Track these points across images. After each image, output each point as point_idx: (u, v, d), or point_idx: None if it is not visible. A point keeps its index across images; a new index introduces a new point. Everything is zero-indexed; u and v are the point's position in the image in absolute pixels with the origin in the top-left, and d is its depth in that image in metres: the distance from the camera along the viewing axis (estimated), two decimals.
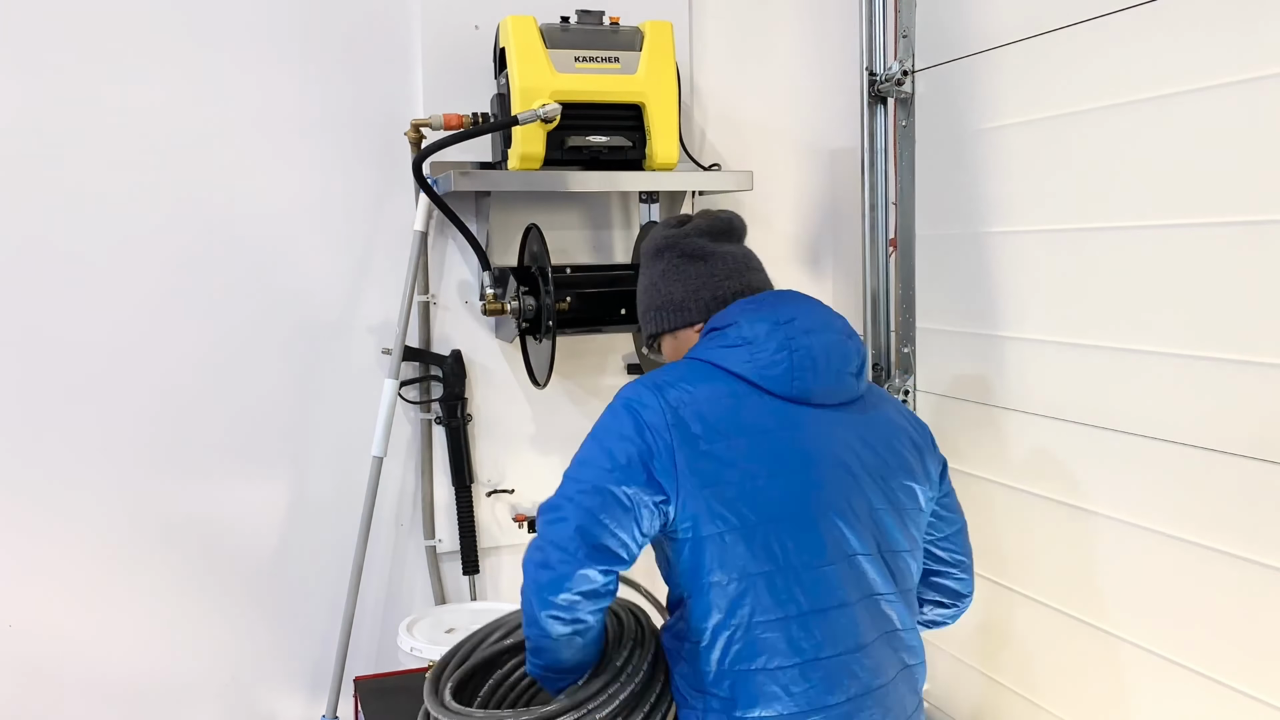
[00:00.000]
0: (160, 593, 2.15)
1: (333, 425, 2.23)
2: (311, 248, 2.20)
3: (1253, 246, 1.55)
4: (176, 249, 2.11)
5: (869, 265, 2.42)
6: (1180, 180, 1.66)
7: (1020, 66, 1.99)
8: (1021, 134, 2.00)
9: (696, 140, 2.46)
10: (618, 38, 2.09)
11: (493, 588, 2.39)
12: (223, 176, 2.12)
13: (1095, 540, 1.88)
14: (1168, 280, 1.70)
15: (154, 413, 2.12)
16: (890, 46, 2.35)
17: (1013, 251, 2.04)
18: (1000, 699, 2.16)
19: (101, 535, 2.10)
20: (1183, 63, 1.65)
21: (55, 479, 2.07)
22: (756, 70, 2.53)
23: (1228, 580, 1.62)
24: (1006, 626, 2.12)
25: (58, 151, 2.02)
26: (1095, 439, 1.86)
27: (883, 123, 2.39)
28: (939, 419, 2.29)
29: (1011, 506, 2.08)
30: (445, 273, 2.28)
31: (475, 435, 2.32)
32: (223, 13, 2.10)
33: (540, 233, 2.07)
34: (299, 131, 2.17)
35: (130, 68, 2.05)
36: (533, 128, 2.00)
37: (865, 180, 2.39)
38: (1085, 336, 1.87)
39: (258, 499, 2.20)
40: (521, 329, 2.15)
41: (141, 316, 2.09)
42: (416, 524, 2.33)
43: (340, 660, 2.14)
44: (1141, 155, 1.74)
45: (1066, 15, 1.86)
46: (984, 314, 2.13)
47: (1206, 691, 1.66)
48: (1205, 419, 1.64)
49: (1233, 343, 1.59)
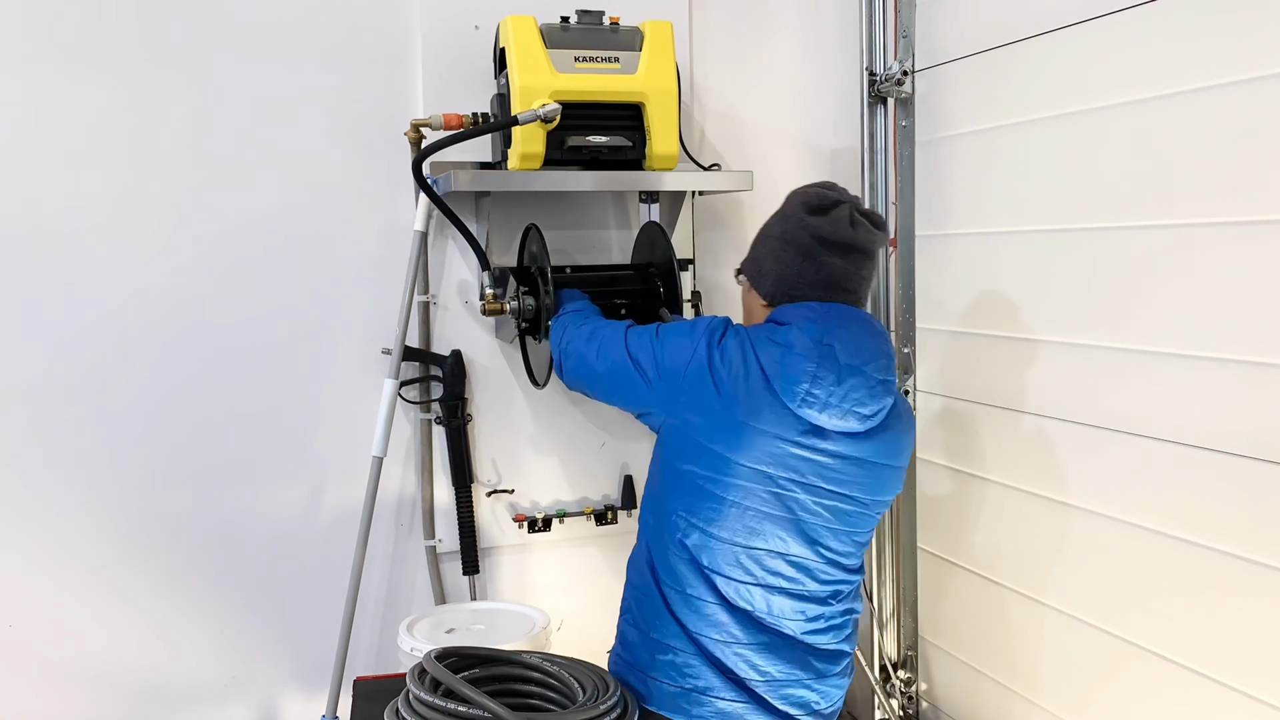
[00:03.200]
0: (160, 592, 2.15)
1: (333, 425, 2.23)
2: (311, 247, 2.19)
3: (1253, 246, 1.55)
4: (176, 249, 2.11)
5: None
6: (1181, 180, 1.67)
7: (1020, 66, 1.99)
8: (1022, 134, 2.00)
9: (696, 140, 2.46)
10: (618, 38, 2.09)
11: (493, 588, 2.39)
12: (222, 176, 2.12)
13: (1095, 540, 1.88)
14: (1168, 280, 1.70)
15: (153, 413, 2.12)
16: (890, 46, 2.35)
17: (1013, 251, 2.04)
18: (1000, 699, 2.16)
19: (101, 535, 2.10)
20: (1183, 62, 1.65)
21: (55, 479, 2.06)
22: (756, 70, 2.52)
23: (1228, 580, 1.62)
24: (1006, 626, 2.12)
25: (58, 154, 2.02)
26: (1095, 439, 1.86)
27: (883, 123, 2.39)
28: (939, 419, 2.29)
29: (1011, 506, 2.08)
30: (445, 273, 2.28)
31: (475, 435, 2.32)
32: (222, 13, 2.10)
33: (540, 233, 2.06)
34: (298, 132, 2.16)
35: (129, 68, 2.05)
36: (533, 128, 2.00)
37: (865, 180, 2.39)
38: (1085, 336, 1.87)
39: (258, 499, 2.20)
40: (521, 329, 2.15)
41: (141, 317, 2.09)
42: (416, 524, 2.33)
43: (340, 660, 2.14)
44: (1142, 155, 1.74)
45: (1067, 15, 1.86)
46: (984, 314, 2.13)
47: (1206, 691, 1.66)
48: (1205, 419, 1.64)
49: (1233, 343, 1.59)
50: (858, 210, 1.72)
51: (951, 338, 2.24)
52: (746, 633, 1.67)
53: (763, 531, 1.65)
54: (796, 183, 2.58)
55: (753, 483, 1.63)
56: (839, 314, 1.68)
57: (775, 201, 2.56)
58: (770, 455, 1.62)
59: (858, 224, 1.70)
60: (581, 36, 2.06)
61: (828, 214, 1.71)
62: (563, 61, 2.03)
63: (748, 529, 1.65)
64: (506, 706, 1.42)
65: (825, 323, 1.65)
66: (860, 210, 1.73)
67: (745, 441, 1.62)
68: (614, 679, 1.62)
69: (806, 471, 1.64)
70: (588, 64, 2.05)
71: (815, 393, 1.60)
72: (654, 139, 2.10)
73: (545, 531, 2.36)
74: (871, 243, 1.73)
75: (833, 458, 1.64)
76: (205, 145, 2.11)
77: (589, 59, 2.05)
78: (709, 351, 1.66)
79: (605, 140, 2.08)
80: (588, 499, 2.43)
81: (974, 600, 2.21)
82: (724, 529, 1.65)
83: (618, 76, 2.06)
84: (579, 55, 2.04)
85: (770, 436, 1.62)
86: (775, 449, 1.62)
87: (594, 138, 2.07)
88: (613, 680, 1.60)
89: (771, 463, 1.62)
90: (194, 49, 2.08)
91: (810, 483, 1.64)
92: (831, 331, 1.64)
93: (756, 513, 1.64)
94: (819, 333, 1.63)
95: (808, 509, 1.65)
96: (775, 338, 1.65)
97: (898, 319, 2.41)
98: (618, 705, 1.54)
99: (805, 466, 1.63)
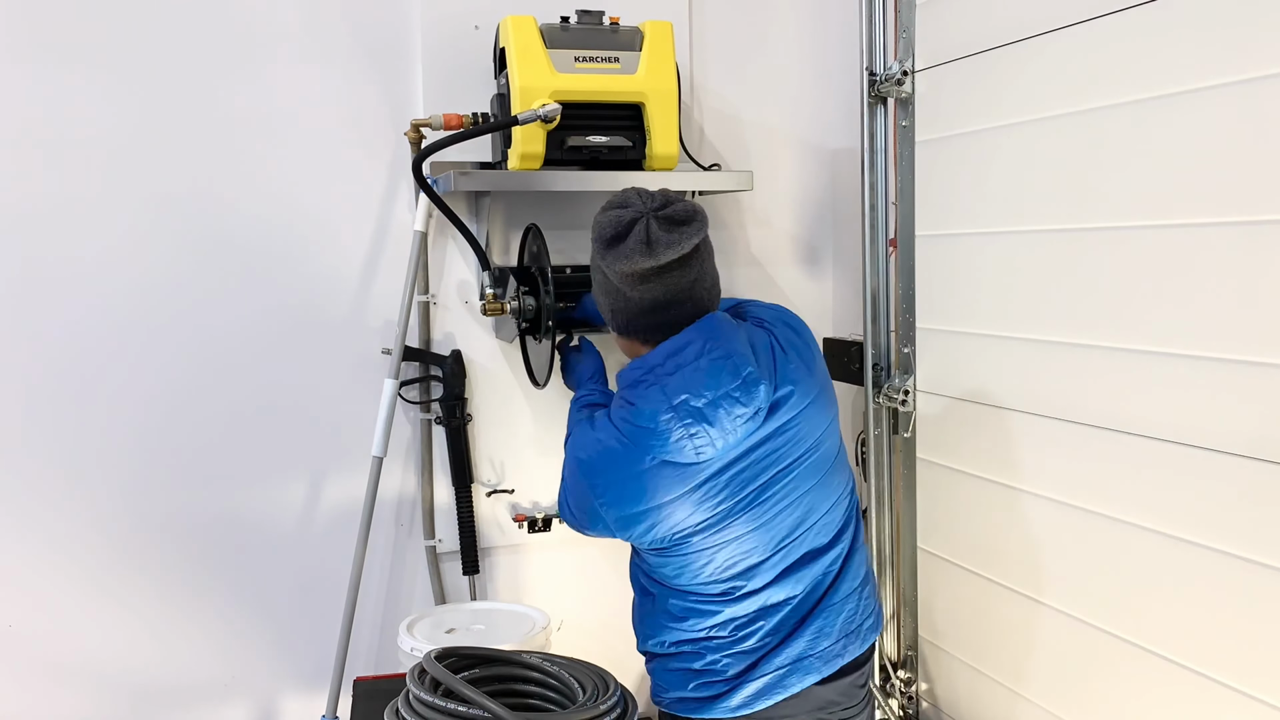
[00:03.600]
0: (160, 592, 2.15)
1: (333, 425, 2.23)
2: (311, 247, 2.20)
3: (1252, 246, 1.55)
4: (176, 249, 2.11)
5: (869, 265, 2.42)
6: (1180, 180, 1.66)
7: (1020, 66, 1.99)
8: (1022, 134, 2.00)
9: (696, 140, 2.46)
10: (618, 38, 2.09)
11: (492, 588, 2.39)
12: (222, 176, 2.12)
13: (1094, 540, 1.88)
14: (1168, 280, 1.70)
15: (154, 413, 2.12)
16: (890, 46, 2.35)
17: (1013, 251, 2.04)
18: (1000, 699, 2.16)
19: (101, 535, 2.10)
20: (1183, 62, 1.65)
21: (54, 478, 2.07)
22: (756, 70, 2.53)
23: (1228, 580, 1.62)
24: (1006, 626, 2.12)
25: (59, 151, 2.02)
26: (1095, 439, 1.85)
27: (883, 123, 2.39)
28: (939, 419, 2.29)
29: (1011, 506, 2.08)
30: (445, 273, 2.28)
31: (475, 435, 2.32)
32: (222, 13, 2.10)
33: (540, 233, 2.07)
34: (298, 132, 2.17)
35: (130, 67, 2.05)
36: (533, 128, 2.00)
37: (865, 180, 2.39)
38: (1085, 336, 1.87)
39: (258, 499, 2.20)
40: (521, 329, 2.15)
41: (142, 317, 2.10)
42: (416, 524, 2.33)
43: (340, 660, 2.14)
44: (1142, 155, 1.74)
45: (1066, 15, 1.86)
46: (984, 314, 2.13)
47: (1206, 691, 1.66)
48: (1205, 419, 1.64)
49: (1233, 343, 1.59)
50: (655, 218, 1.60)
51: (951, 338, 2.24)
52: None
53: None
54: (796, 182, 2.61)
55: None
56: (673, 352, 1.62)
57: (776, 201, 2.58)
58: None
59: (654, 243, 1.59)
60: (581, 36, 2.06)
61: (621, 244, 1.61)
62: (563, 61, 2.03)
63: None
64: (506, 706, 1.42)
65: (664, 381, 1.60)
66: (657, 217, 1.61)
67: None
68: (613, 679, 1.62)
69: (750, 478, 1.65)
70: (588, 64, 2.05)
71: (701, 445, 1.59)
72: (654, 139, 2.10)
73: (545, 531, 2.36)
74: (679, 248, 1.59)
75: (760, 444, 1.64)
76: (205, 145, 2.11)
77: (589, 59, 2.05)
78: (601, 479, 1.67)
79: (605, 140, 2.08)
80: None
81: (974, 600, 2.21)
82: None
83: (618, 76, 2.06)
84: (579, 55, 2.04)
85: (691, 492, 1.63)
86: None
87: (594, 138, 2.07)
88: (612, 680, 1.60)
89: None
90: (195, 49, 2.08)
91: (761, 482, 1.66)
92: (675, 384, 1.59)
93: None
94: (666, 396, 1.59)
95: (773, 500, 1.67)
96: (637, 421, 1.61)
97: (898, 319, 2.41)
98: (618, 705, 1.53)
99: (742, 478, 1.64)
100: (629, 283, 1.62)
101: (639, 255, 1.58)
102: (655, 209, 1.62)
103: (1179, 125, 1.66)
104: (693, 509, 1.63)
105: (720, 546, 1.67)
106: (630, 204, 1.64)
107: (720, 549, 1.67)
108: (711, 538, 1.66)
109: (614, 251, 1.61)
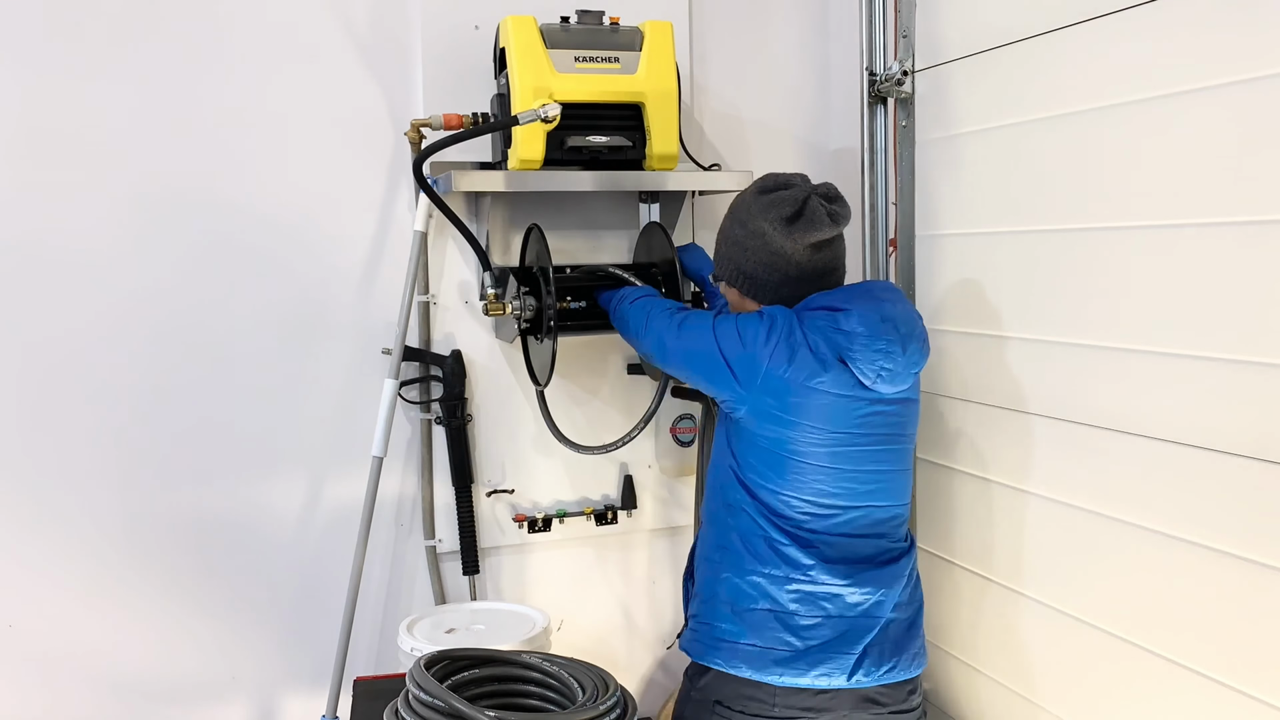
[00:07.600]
0: (160, 592, 2.15)
1: (333, 425, 2.23)
2: (311, 247, 2.20)
3: (1253, 246, 1.55)
4: (176, 248, 2.11)
5: (869, 265, 2.42)
6: (1181, 180, 1.66)
7: (1021, 66, 1.99)
8: (1022, 134, 2.00)
9: (696, 140, 2.46)
10: (618, 38, 2.09)
11: (493, 588, 2.39)
12: (223, 177, 2.13)
13: (1094, 540, 1.88)
14: (1168, 280, 1.70)
15: (154, 412, 2.12)
16: (890, 46, 2.35)
17: (1013, 251, 2.04)
18: (1000, 699, 2.16)
19: (101, 535, 2.10)
20: (1183, 62, 1.65)
21: (54, 478, 2.07)
22: (756, 70, 2.53)
23: (1228, 580, 1.62)
24: (1006, 626, 2.12)
25: (60, 150, 2.02)
26: (1096, 439, 1.85)
27: (883, 123, 2.39)
28: (939, 419, 2.29)
29: (1011, 506, 2.08)
30: (445, 273, 2.28)
31: (475, 435, 2.32)
32: (224, 12, 2.10)
33: (541, 233, 2.07)
34: (298, 131, 2.17)
35: (130, 67, 2.05)
36: (533, 128, 2.00)
37: (865, 180, 2.39)
38: (1086, 336, 1.87)
39: (258, 499, 2.20)
40: (522, 329, 2.15)
41: (142, 316, 2.10)
42: (416, 524, 2.33)
43: (340, 660, 2.14)
44: (1142, 154, 1.73)
45: (1066, 15, 1.86)
46: (984, 314, 2.13)
47: (1206, 691, 1.66)
48: (1205, 419, 1.64)
49: (1233, 343, 1.59)
50: (817, 195, 1.80)
51: (951, 338, 2.24)
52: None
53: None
54: None
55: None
56: (863, 292, 1.81)
57: None
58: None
59: (832, 215, 1.79)
60: (581, 36, 2.06)
61: (801, 218, 1.78)
62: (563, 61, 2.03)
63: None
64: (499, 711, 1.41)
65: (867, 301, 1.76)
66: (818, 194, 1.80)
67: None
68: (613, 679, 1.61)
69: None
70: (588, 64, 2.05)
71: (888, 366, 1.74)
72: (654, 139, 2.10)
73: (545, 531, 2.36)
74: (846, 220, 1.82)
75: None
76: (205, 145, 2.11)
77: (589, 59, 2.05)
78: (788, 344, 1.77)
79: (605, 140, 2.08)
80: (588, 499, 2.43)
81: (974, 600, 2.21)
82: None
83: (618, 77, 2.07)
84: (579, 55, 2.04)
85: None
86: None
87: (594, 138, 2.07)
88: (612, 680, 1.60)
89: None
90: (194, 49, 2.09)
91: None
92: (874, 308, 1.75)
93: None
94: (873, 311, 1.74)
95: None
96: (837, 324, 1.75)
97: None
98: (618, 705, 1.53)
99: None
100: (808, 252, 1.79)
101: (825, 226, 1.78)
102: (814, 189, 1.82)
103: (1178, 125, 1.66)
104: (829, 421, 1.75)
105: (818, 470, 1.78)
106: (794, 184, 1.83)
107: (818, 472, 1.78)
108: (818, 456, 1.77)
109: (798, 224, 1.77)
